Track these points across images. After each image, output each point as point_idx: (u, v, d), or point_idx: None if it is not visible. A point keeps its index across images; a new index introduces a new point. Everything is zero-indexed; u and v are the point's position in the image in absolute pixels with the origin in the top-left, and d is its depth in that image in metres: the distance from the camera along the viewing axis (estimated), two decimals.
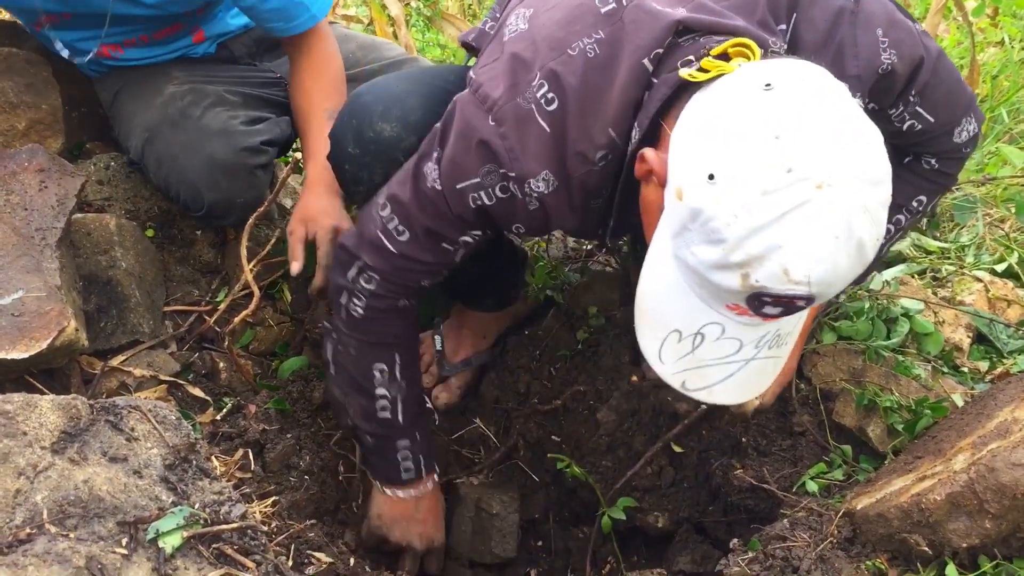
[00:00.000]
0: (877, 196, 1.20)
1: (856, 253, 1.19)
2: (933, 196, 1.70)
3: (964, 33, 3.09)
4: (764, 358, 1.35)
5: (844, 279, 1.22)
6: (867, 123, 1.23)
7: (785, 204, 1.16)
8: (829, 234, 1.16)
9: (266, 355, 2.26)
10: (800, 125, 1.18)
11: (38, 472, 1.29)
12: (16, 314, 1.72)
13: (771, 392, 1.84)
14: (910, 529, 1.47)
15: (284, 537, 1.77)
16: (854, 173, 1.17)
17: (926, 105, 1.55)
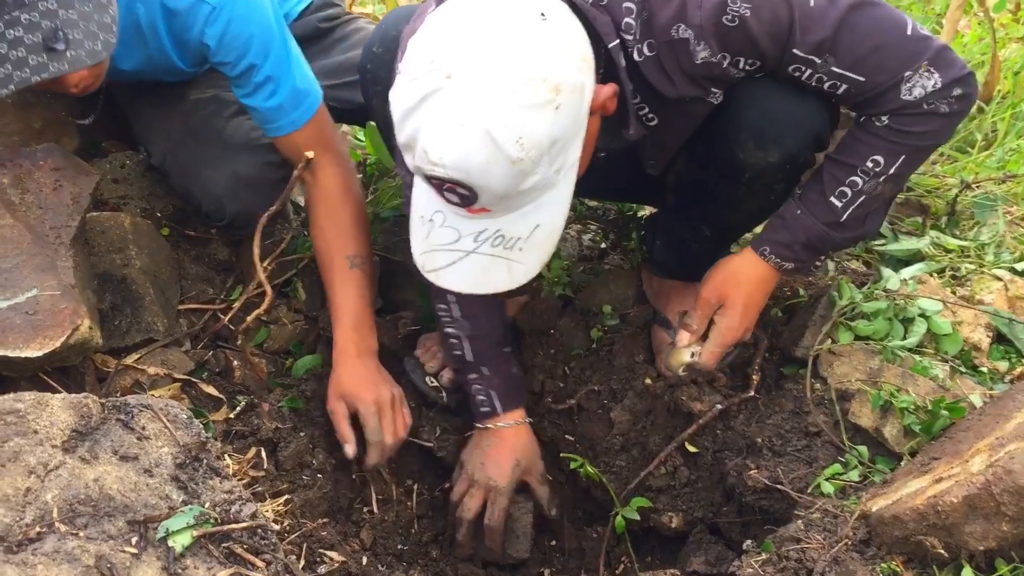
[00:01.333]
0: (516, 95, 1.29)
1: (490, 144, 1.29)
2: (893, 155, 1.61)
3: (985, 29, 3.05)
4: (488, 255, 1.46)
5: (487, 171, 1.31)
6: (537, 31, 1.33)
7: (423, 90, 1.32)
8: (454, 121, 1.30)
9: (280, 353, 2.26)
10: (457, 25, 1.33)
11: (48, 471, 1.30)
12: (30, 312, 1.73)
13: (708, 352, 1.86)
14: (926, 531, 1.45)
15: (297, 535, 1.77)
16: (487, 69, 1.29)
17: (844, 64, 1.54)
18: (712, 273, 1.80)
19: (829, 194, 1.66)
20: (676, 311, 2.08)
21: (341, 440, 1.99)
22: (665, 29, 1.54)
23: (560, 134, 1.35)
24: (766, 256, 1.75)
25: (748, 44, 1.54)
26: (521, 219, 1.43)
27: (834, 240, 1.73)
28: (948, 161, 2.69)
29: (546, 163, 1.35)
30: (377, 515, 2.08)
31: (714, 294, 1.81)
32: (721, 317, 1.81)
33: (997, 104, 2.87)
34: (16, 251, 1.81)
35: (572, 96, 1.34)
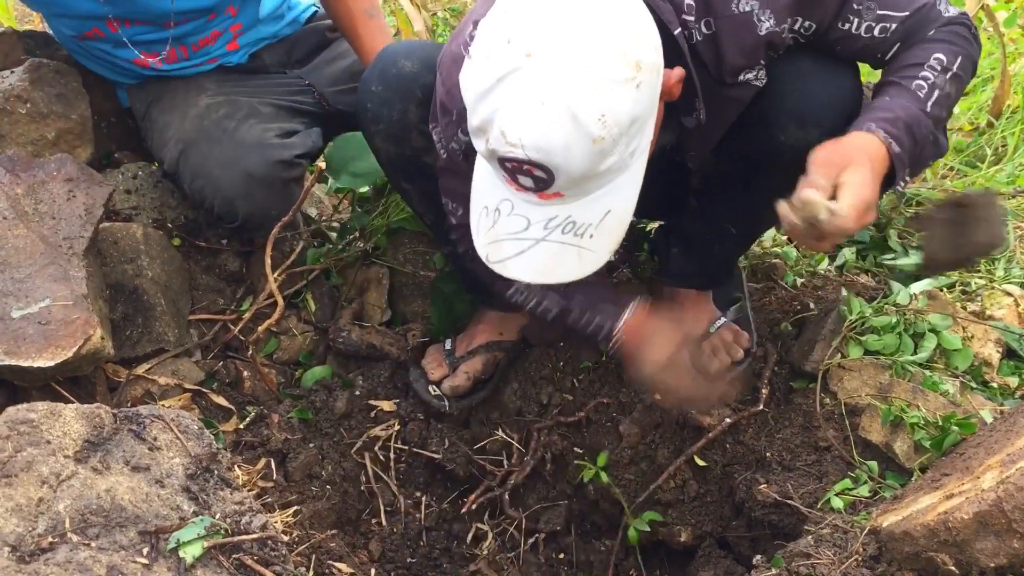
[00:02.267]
0: (599, 71, 1.27)
1: (571, 122, 1.27)
2: (953, 54, 1.63)
3: (995, 44, 3.06)
4: (558, 242, 1.43)
5: (568, 150, 1.29)
6: (617, 8, 1.32)
7: (501, 70, 1.29)
8: (535, 99, 1.27)
9: (290, 364, 2.27)
10: (533, 4, 1.32)
11: (61, 481, 1.30)
12: (43, 322, 1.74)
13: (848, 206, 1.49)
14: (937, 548, 1.45)
15: (306, 547, 1.78)
16: (568, 46, 1.27)
17: (887, 5, 1.62)
18: (824, 145, 1.57)
19: (908, 86, 1.62)
20: (693, 320, 2.07)
21: None
22: (726, 3, 1.55)
23: (640, 113, 1.33)
24: (874, 131, 1.57)
25: (810, 5, 1.58)
26: (593, 204, 1.40)
27: (926, 128, 1.61)
28: (957, 176, 2.69)
29: (624, 143, 1.34)
30: (386, 527, 2.09)
31: (837, 155, 1.55)
32: (851, 175, 1.51)
33: (1007, 119, 2.87)
34: (29, 261, 1.82)
35: (651, 75, 1.34)
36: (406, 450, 2.16)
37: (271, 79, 2.35)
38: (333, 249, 2.38)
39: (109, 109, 2.39)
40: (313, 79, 2.36)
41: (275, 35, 2.40)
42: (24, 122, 2.15)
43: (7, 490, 1.25)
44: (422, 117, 1.76)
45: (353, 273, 2.36)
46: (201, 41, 2.23)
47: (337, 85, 2.37)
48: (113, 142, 2.40)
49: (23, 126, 2.15)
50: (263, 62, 2.38)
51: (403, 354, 2.23)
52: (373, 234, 2.37)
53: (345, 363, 2.26)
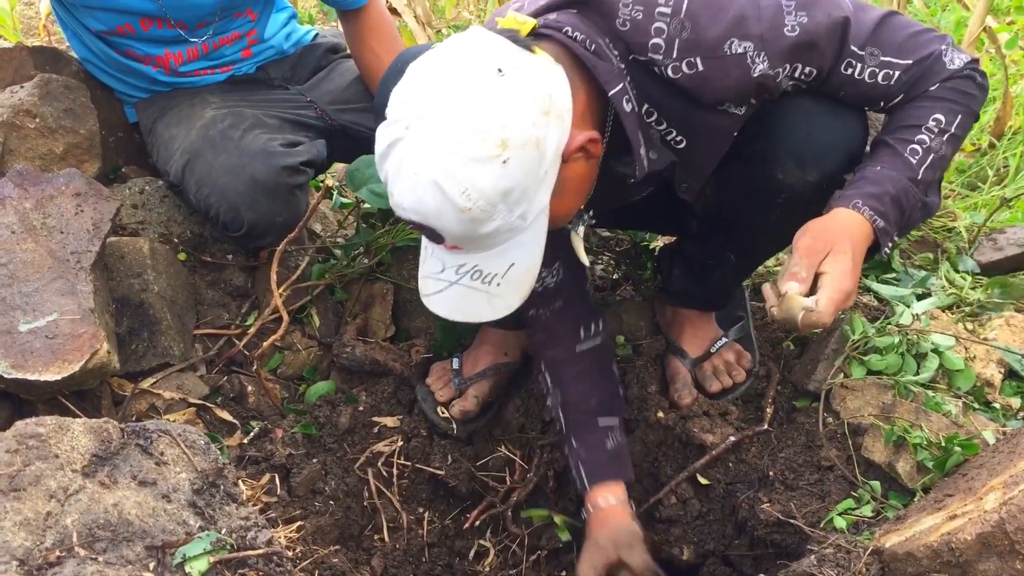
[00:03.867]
0: (464, 149, 1.35)
1: (439, 194, 1.36)
2: (952, 114, 1.64)
3: (997, 65, 3.08)
4: (468, 287, 1.52)
5: (441, 217, 1.39)
6: (492, 87, 1.37)
7: (389, 138, 1.41)
8: (409, 169, 1.38)
9: (294, 379, 2.27)
10: (422, 77, 1.41)
11: (69, 495, 1.31)
12: (50, 336, 1.75)
13: (827, 299, 1.55)
14: (939, 569, 1.45)
15: (309, 562, 1.78)
16: (439, 122, 1.36)
17: (890, 51, 1.61)
18: (808, 227, 1.62)
19: (902, 151, 1.64)
20: (694, 340, 2.09)
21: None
22: (717, 44, 1.55)
23: (512, 185, 1.38)
24: (859, 208, 1.62)
25: (808, 51, 1.58)
26: (495, 257, 1.49)
27: (915, 198, 1.65)
28: (959, 197, 2.70)
29: (503, 211, 1.40)
30: (388, 543, 2.09)
31: (819, 241, 1.60)
32: (833, 263, 1.57)
33: (1008, 140, 2.89)
34: (37, 275, 1.83)
35: (524, 151, 1.38)
36: (409, 466, 2.16)
37: (275, 94, 2.40)
38: (338, 265, 2.39)
39: (117, 124, 2.41)
40: (314, 96, 2.41)
41: (281, 51, 2.47)
42: (33, 137, 2.16)
43: (16, 504, 1.26)
44: None
45: (358, 289, 2.37)
46: (221, 40, 2.30)
47: (337, 104, 2.41)
48: (120, 157, 2.42)
49: (32, 141, 2.16)
50: (268, 75, 2.43)
51: (407, 370, 2.24)
52: (378, 251, 2.38)
53: (349, 378, 2.27)
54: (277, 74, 2.45)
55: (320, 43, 2.56)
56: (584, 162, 1.52)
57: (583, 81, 1.51)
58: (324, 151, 2.25)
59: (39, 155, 2.17)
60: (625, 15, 1.54)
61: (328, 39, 2.60)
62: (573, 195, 1.55)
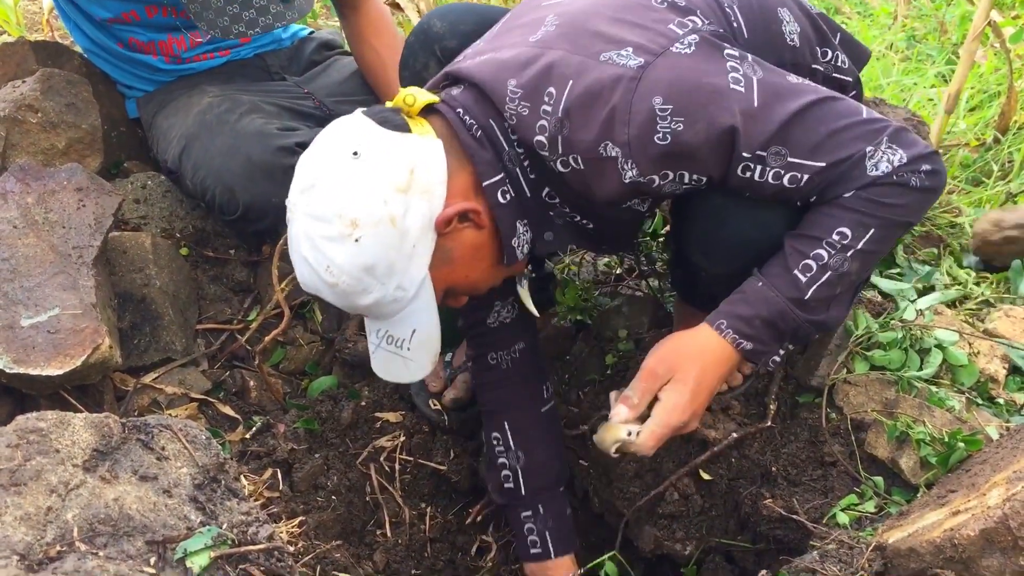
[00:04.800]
0: (319, 230, 1.44)
1: (310, 270, 1.47)
2: (862, 228, 1.50)
3: (1002, 60, 3.06)
4: (387, 351, 1.61)
5: (320, 290, 1.49)
6: (344, 171, 1.44)
7: (288, 217, 1.50)
8: (293, 248, 1.50)
9: (296, 374, 2.27)
10: (304, 161, 1.50)
11: (69, 490, 1.30)
12: (52, 331, 1.75)
13: (649, 432, 1.58)
14: (943, 564, 1.44)
15: (310, 558, 1.78)
16: (301, 205, 1.46)
17: (801, 153, 1.46)
18: (661, 344, 1.62)
19: (792, 267, 1.52)
20: None
21: None
22: (592, 147, 1.47)
23: (372, 261, 1.44)
24: (723, 331, 1.57)
25: (687, 160, 1.47)
26: (398, 324, 1.56)
27: (796, 320, 1.55)
28: (963, 193, 2.69)
29: (374, 284, 1.47)
30: (390, 538, 2.09)
31: (662, 365, 1.59)
32: (669, 392, 1.57)
33: (1013, 135, 2.87)
34: (39, 270, 1.83)
35: (377, 228, 1.43)
36: (411, 461, 2.16)
37: (273, 84, 2.41)
38: None
39: (119, 119, 2.41)
40: (311, 88, 2.43)
41: (278, 41, 2.50)
42: (35, 131, 2.16)
43: (16, 499, 1.26)
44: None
45: None
46: (207, 35, 2.30)
47: (333, 96, 2.42)
48: (122, 152, 2.42)
49: (34, 135, 2.16)
50: (266, 63, 2.46)
51: None
52: None
53: (351, 373, 2.27)
54: (275, 64, 2.47)
55: (315, 37, 2.60)
56: (473, 231, 1.54)
57: (468, 159, 1.53)
58: None
59: (41, 150, 2.17)
60: (511, 109, 1.51)
61: (323, 34, 2.61)
62: (468, 263, 1.57)
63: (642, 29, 1.50)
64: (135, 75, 2.35)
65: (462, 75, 1.57)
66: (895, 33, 3.76)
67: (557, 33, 1.53)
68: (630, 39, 1.49)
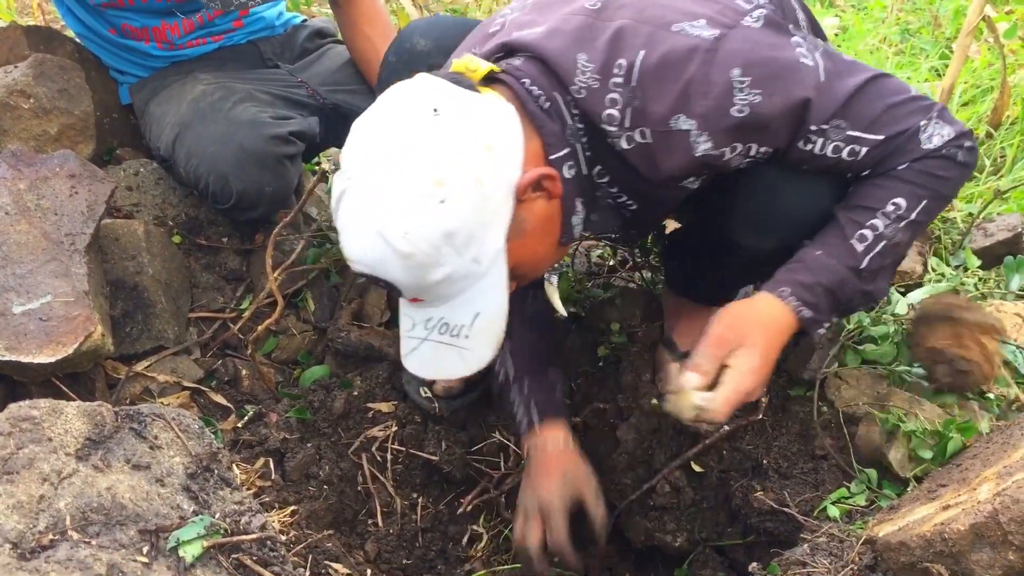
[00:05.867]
0: (401, 192, 1.32)
1: (381, 241, 1.33)
2: (916, 199, 1.54)
3: (995, 55, 3.07)
4: (437, 342, 1.47)
5: (386, 266, 1.35)
6: (426, 127, 1.34)
7: (337, 191, 1.38)
8: (352, 220, 1.36)
9: (288, 363, 2.27)
10: (361, 126, 1.39)
11: (62, 478, 1.30)
12: (44, 318, 1.74)
13: (724, 399, 1.54)
14: (932, 559, 1.45)
15: (303, 547, 1.78)
16: (374, 168, 1.34)
17: (860, 126, 1.51)
18: (726, 312, 1.61)
19: (850, 236, 1.56)
20: (687, 334, 2.08)
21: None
22: (663, 119, 1.47)
23: (454, 226, 1.33)
24: (786, 298, 1.57)
25: (760, 132, 1.48)
26: (459, 307, 1.43)
27: (854, 289, 1.59)
28: None
29: (450, 255, 1.35)
30: (382, 528, 2.09)
31: (731, 332, 1.58)
32: (740, 359, 1.55)
33: (1006, 130, 2.88)
34: (31, 257, 1.82)
35: (463, 189, 1.33)
36: (403, 451, 2.16)
37: (266, 73, 2.41)
38: (333, 249, 2.38)
39: (112, 105, 2.39)
40: (305, 77, 2.43)
41: (271, 27, 2.49)
42: (27, 117, 2.15)
43: (8, 487, 1.25)
44: None
45: (353, 274, 2.36)
46: (216, 11, 2.31)
47: (327, 84, 2.42)
48: (115, 138, 2.41)
49: (26, 121, 2.15)
50: (259, 50, 2.46)
51: (399, 356, 2.23)
52: None
53: (344, 363, 2.27)
54: (268, 51, 2.47)
55: (309, 24, 2.59)
56: (544, 202, 1.47)
57: (536, 130, 1.48)
58: (316, 126, 2.26)
59: (33, 136, 2.16)
60: (581, 82, 1.48)
61: (317, 22, 2.61)
62: (538, 237, 1.49)
63: (710, 1, 1.51)
64: (128, 60, 2.34)
65: (524, 47, 1.50)
66: (889, 27, 3.76)
67: (619, 2, 1.51)
68: (700, 11, 1.48)
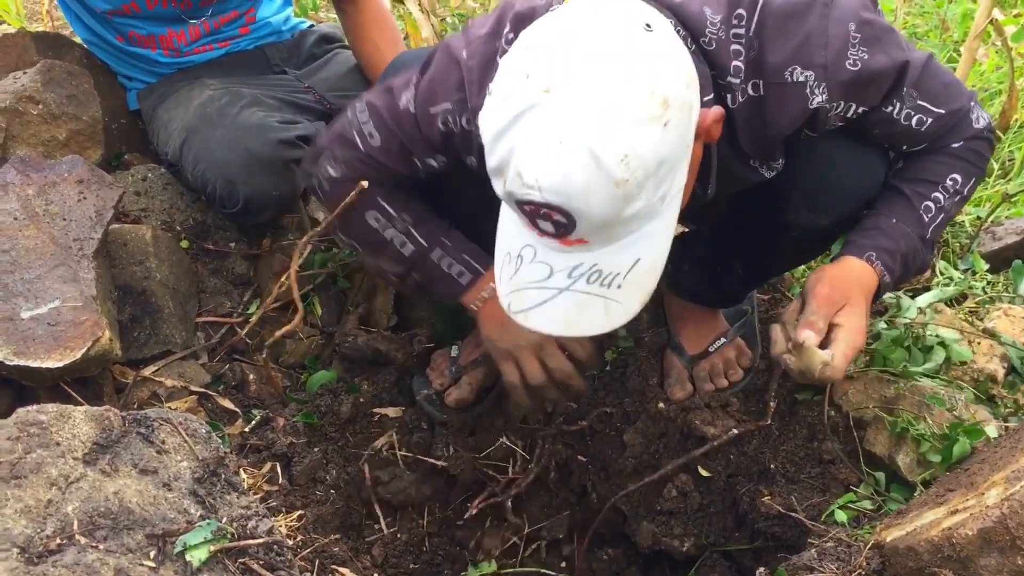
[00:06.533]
0: (623, 109, 1.18)
1: (592, 163, 1.18)
2: (968, 176, 1.66)
3: (1003, 58, 3.07)
4: (583, 292, 1.34)
5: (588, 194, 1.20)
6: (645, 42, 1.23)
7: (517, 107, 1.20)
8: (553, 138, 1.18)
9: (295, 368, 2.27)
10: (551, 36, 1.23)
11: (70, 483, 1.31)
12: (52, 323, 1.75)
13: (842, 355, 1.55)
14: (940, 564, 1.45)
15: (309, 551, 1.78)
16: (590, 80, 1.18)
17: (927, 98, 1.57)
18: (823, 274, 1.60)
19: (918, 207, 1.64)
20: (694, 337, 2.07)
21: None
22: (779, 70, 1.46)
23: (668, 154, 1.23)
24: (873, 262, 1.61)
25: (864, 89, 1.52)
26: (620, 252, 1.31)
27: (921, 258, 1.67)
28: None
29: (651, 187, 1.24)
30: (388, 533, 2.09)
31: (837, 292, 1.58)
32: (849, 317, 1.57)
33: (1014, 133, 2.88)
34: (39, 262, 1.83)
35: (681, 113, 1.24)
36: (411, 456, 2.16)
37: (273, 78, 2.41)
38: (340, 253, 2.38)
39: (120, 111, 2.40)
40: (312, 83, 2.44)
41: (279, 33, 2.49)
42: (36, 123, 2.16)
43: (16, 491, 1.26)
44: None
45: (360, 278, 2.37)
46: (221, 19, 2.32)
47: (335, 91, 2.42)
48: (123, 144, 2.42)
49: (35, 127, 2.16)
50: (266, 56, 2.46)
51: (409, 360, 2.23)
52: None
53: (351, 368, 2.27)
54: (275, 57, 2.47)
55: (316, 30, 2.59)
56: (700, 147, 1.37)
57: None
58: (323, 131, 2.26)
59: (42, 141, 2.17)
60: (712, 34, 1.44)
61: (324, 27, 2.61)
62: (689, 184, 1.39)
63: None
64: (135, 67, 2.35)
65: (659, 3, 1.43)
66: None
67: None
68: None
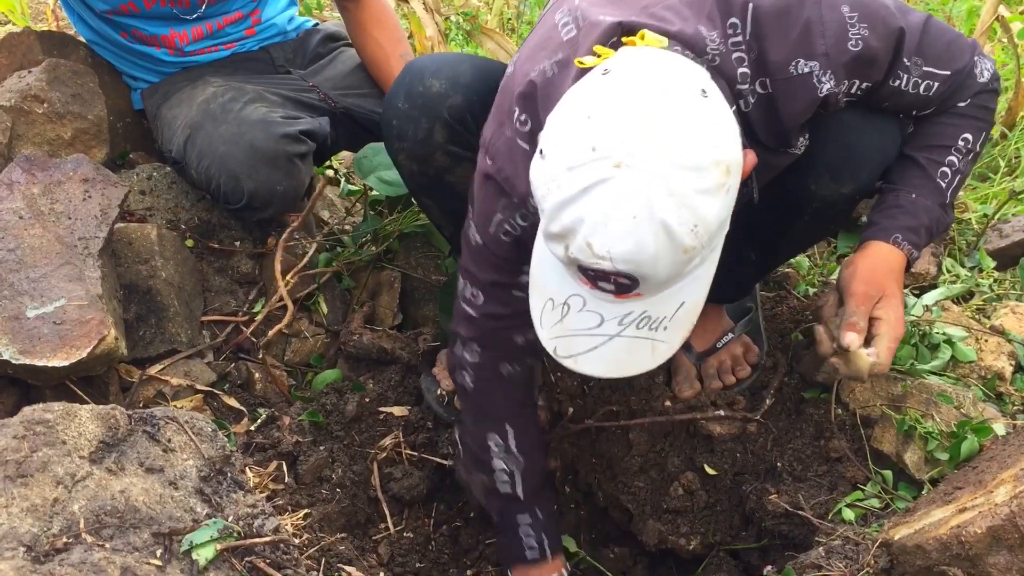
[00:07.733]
0: (691, 182, 1.21)
1: (664, 235, 1.21)
2: (979, 132, 1.66)
3: (1010, 55, 3.05)
4: (632, 336, 1.38)
5: (659, 261, 1.24)
6: (704, 110, 1.25)
7: (586, 180, 1.22)
8: (626, 213, 1.21)
9: (300, 366, 2.27)
10: (613, 107, 1.24)
11: (76, 481, 1.30)
12: (58, 322, 1.75)
13: (886, 349, 1.60)
14: (949, 562, 1.44)
15: (315, 550, 1.78)
16: (659, 156, 1.20)
17: (930, 62, 1.58)
18: (855, 269, 1.65)
19: (934, 175, 1.65)
20: (701, 333, 2.07)
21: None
22: (783, 66, 1.48)
23: (727, 215, 1.29)
24: (900, 244, 1.65)
25: (868, 66, 1.53)
26: (668, 299, 1.36)
27: (943, 223, 1.70)
28: (971, 189, 2.68)
29: (711, 246, 1.30)
30: (394, 531, 2.09)
31: (871, 287, 1.62)
32: (887, 309, 1.62)
33: (1021, 130, 2.86)
34: (45, 261, 1.83)
35: (738, 175, 1.29)
36: (416, 455, 2.16)
37: (276, 77, 2.41)
38: (345, 252, 2.38)
39: (125, 110, 2.40)
40: (316, 81, 2.43)
41: (284, 33, 2.49)
42: (41, 122, 2.16)
43: (23, 490, 1.26)
44: (448, 137, 1.75)
45: (365, 277, 2.37)
46: (225, 20, 2.32)
47: (339, 89, 2.41)
48: (128, 143, 2.42)
49: (40, 126, 2.16)
50: (271, 56, 2.45)
51: (414, 358, 2.23)
52: (386, 238, 2.37)
53: (356, 366, 2.27)
54: (280, 57, 2.46)
55: (321, 29, 2.58)
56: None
57: None
58: (326, 126, 2.26)
59: (47, 140, 2.17)
60: (713, 50, 1.45)
61: (328, 26, 2.61)
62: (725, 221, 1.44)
63: None
64: (139, 66, 2.35)
65: (649, 27, 1.42)
66: None
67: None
68: None
